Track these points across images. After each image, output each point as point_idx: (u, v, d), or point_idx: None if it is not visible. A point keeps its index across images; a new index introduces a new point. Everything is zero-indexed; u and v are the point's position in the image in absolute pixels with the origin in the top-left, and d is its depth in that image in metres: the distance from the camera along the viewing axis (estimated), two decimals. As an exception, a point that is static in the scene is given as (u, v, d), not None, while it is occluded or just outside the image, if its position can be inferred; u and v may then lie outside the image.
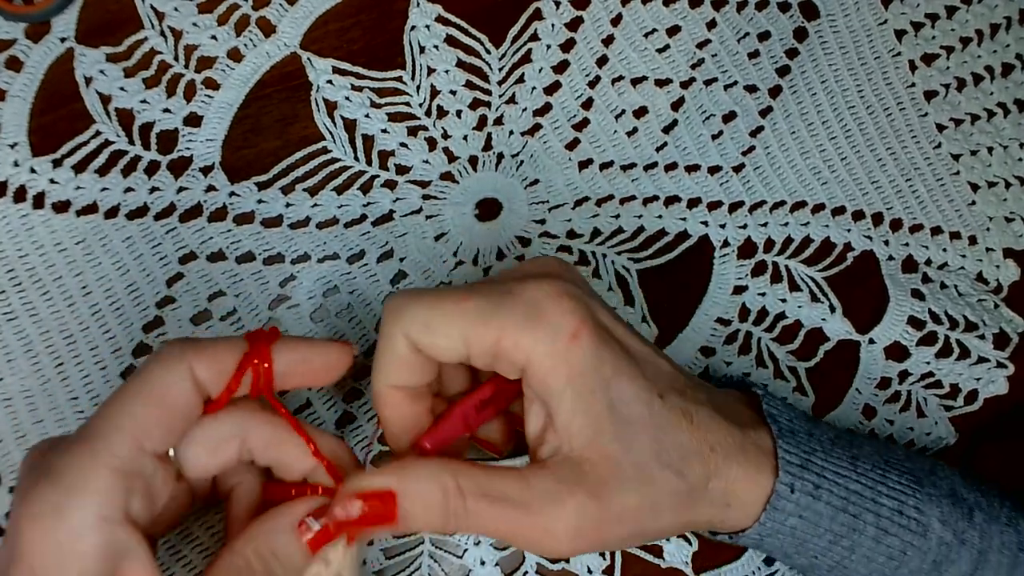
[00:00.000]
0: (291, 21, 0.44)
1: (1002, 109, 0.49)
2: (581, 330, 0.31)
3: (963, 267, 0.48)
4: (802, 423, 0.37)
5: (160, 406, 0.30)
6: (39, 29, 0.42)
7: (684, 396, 0.34)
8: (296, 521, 0.32)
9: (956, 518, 0.36)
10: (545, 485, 0.32)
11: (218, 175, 0.43)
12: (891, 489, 0.35)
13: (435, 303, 0.32)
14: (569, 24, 0.46)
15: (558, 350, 0.31)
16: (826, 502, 0.35)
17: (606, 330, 0.33)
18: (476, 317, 0.31)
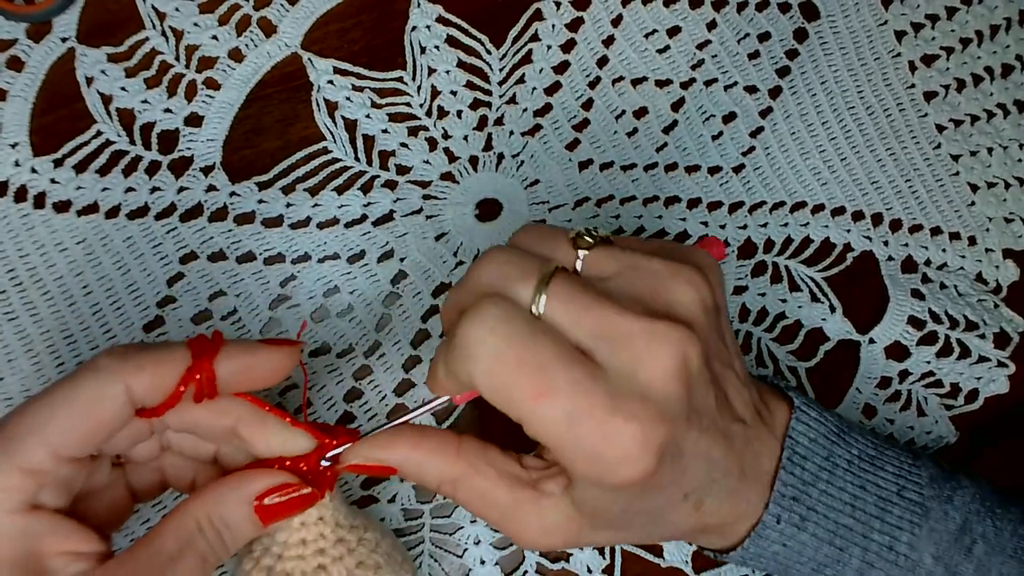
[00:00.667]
0: (292, 21, 0.44)
1: (1002, 110, 0.49)
2: (638, 482, 0.29)
3: (963, 267, 0.48)
4: (826, 439, 0.35)
5: (84, 418, 0.30)
6: (40, 29, 0.42)
7: (709, 487, 0.32)
8: (253, 494, 0.32)
9: (952, 553, 0.35)
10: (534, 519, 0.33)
11: (219, 175, 0.43)
12: (886, 524, 0.35)
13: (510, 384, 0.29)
14: (570, 25, 0.46)
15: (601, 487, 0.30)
16: (811, 533, 0.34)
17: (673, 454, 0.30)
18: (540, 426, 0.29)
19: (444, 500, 0.43)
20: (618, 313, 0.29)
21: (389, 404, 0.43)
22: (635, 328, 0.29)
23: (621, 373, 0.29)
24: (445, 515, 0.43)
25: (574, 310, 0.29)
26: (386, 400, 0.43)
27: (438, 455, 0.33)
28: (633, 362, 0.29)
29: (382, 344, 0.43)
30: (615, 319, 0.29)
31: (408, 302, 0.44)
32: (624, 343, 0.29)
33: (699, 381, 0.31)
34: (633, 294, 0.30)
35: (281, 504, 0.32)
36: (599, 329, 0.29)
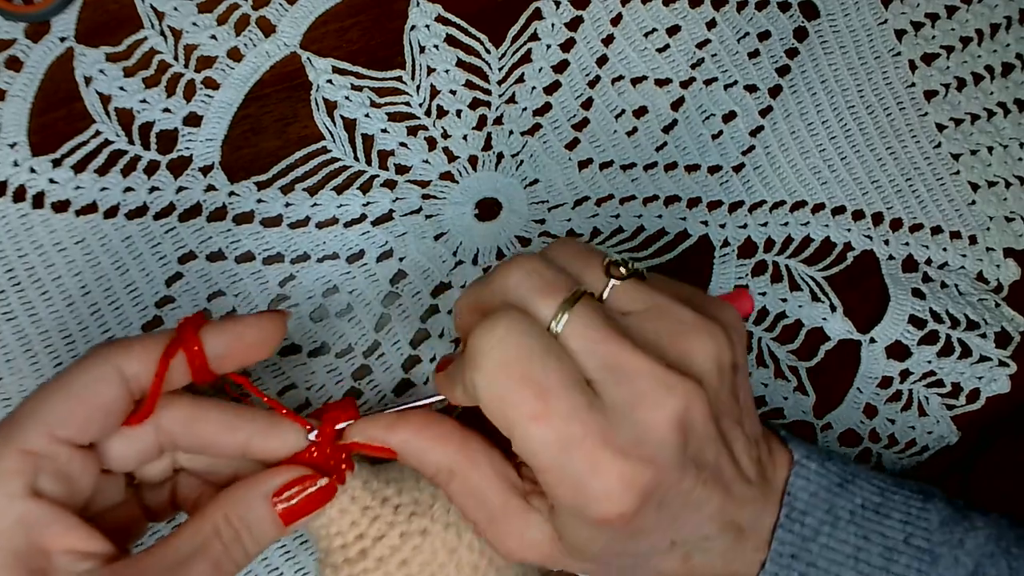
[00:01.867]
0: (291, 21, 0.44)
1: (1002, 109, 0.49)
2: (617, 523, 0.29)
3: (963, 267, 0.48)
4: (827, 495, 0.35)
5: (78, 400, 0.30)
6: (39, 29, 0.42)
7: (702, 541, 0.32)
8: (270, 491, 0.32)
9: None
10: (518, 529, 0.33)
11: (217, 175, 0.43)
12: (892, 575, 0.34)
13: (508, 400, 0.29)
14: (569, 24, 0.46)
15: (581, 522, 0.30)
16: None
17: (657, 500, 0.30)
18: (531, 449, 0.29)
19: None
20: (632, 351, 0.29)
21: (389, 404, 0.43)
22: (644, 369, 0.29)
23: (621, 410, 0.29)
24: (445, 515, 0.43)
25: (591, 338, 0.29)
26: (385, 400, 0.43)
27: (440, 443, 0.33)
28: (634, 401, 0.29)
29: (381, 344, 0.43)
30: (628, 356, 0.29)
31: (407, 302, 0.44)
32: (630, 381, 0.29)
33: (702, 436, 0.30)
34: (652, 337, 0.30)
35: (302, 500, 0.32)
36: (610, 362, 0.29)
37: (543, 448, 0.29)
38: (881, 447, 0.46)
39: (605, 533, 0.30)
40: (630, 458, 0.29)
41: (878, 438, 0.46)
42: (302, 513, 0.32)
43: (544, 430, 0.28)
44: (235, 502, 0.31)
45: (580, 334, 0.29)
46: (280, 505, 0.32)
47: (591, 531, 0.31)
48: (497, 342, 0.29)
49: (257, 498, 0.31)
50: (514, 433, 0.29)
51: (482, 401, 0.30)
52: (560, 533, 0.32)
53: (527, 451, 0.29)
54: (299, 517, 0.32)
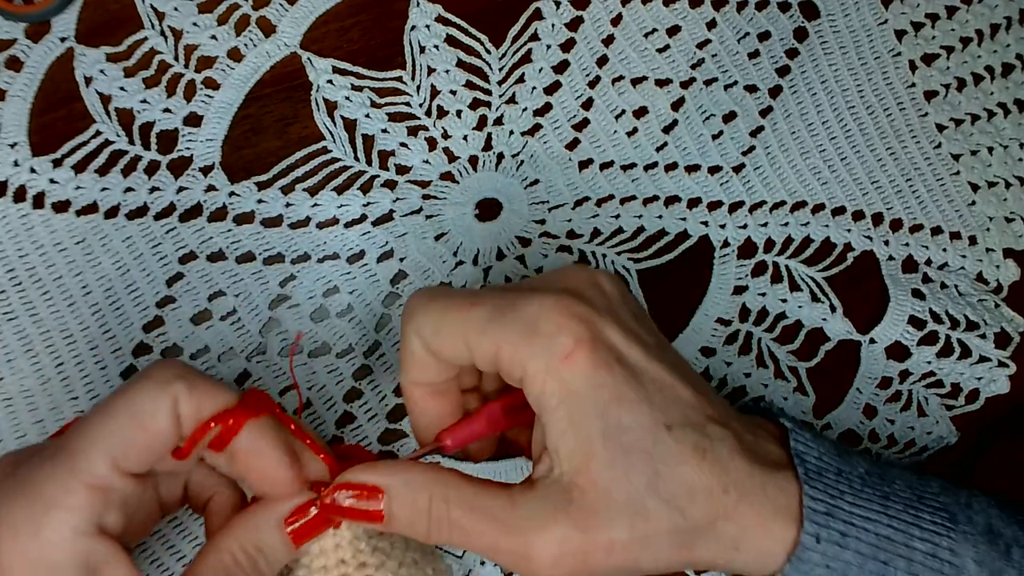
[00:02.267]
0: (291, 21, 0.44)
1: (1002, 109, 0.49)
2: (577, 350, 0.30)
3: (963, 267, 0.48)
4: (832, 459, 0.34)
5: (140, 429, 0.30)
6: (39, 29, 0.42)
7: (701, 430, 0.32)
8: (282, 516, 0.32)
9: (993, 557, 0.33)
10: (530, 508, 0.31)
11: (218, 175, 0.43)
12: (924, 531, 0.33)
13: (444, 308, 0.32)
14: (569, 24, 0.46)
15: (551, 368, 0.30)
16: (854, 550, 0.33)
17: (612, 351, 0.31)
18: (477, 326, 0.31)
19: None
20: None
21: (389, 404, 0.43)
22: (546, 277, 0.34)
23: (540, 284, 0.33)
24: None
25: None
26: (386, 400, 0.43)
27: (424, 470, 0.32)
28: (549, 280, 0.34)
29: (382, 344, 0.43)
30: None
31: (408, 302, 0.44)
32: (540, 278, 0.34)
33: (622, 300, 0.33)
34: None
35: (309, 522, 0.32)
36: None
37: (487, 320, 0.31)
38: (880, 447, 0.46)
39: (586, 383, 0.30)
40: (561, 297, 0.31)
41: (878, 438, 0.46)
42: (312, 533, 0.32)
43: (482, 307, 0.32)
44: (248, 531, 0.32)
45: None
46: (291, 528, 0.32)
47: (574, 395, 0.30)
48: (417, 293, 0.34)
49: (269, 524, 0.32)
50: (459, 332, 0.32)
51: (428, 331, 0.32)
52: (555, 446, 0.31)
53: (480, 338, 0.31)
54: (309, 537, 0.32)
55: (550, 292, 0.32)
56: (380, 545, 0.34)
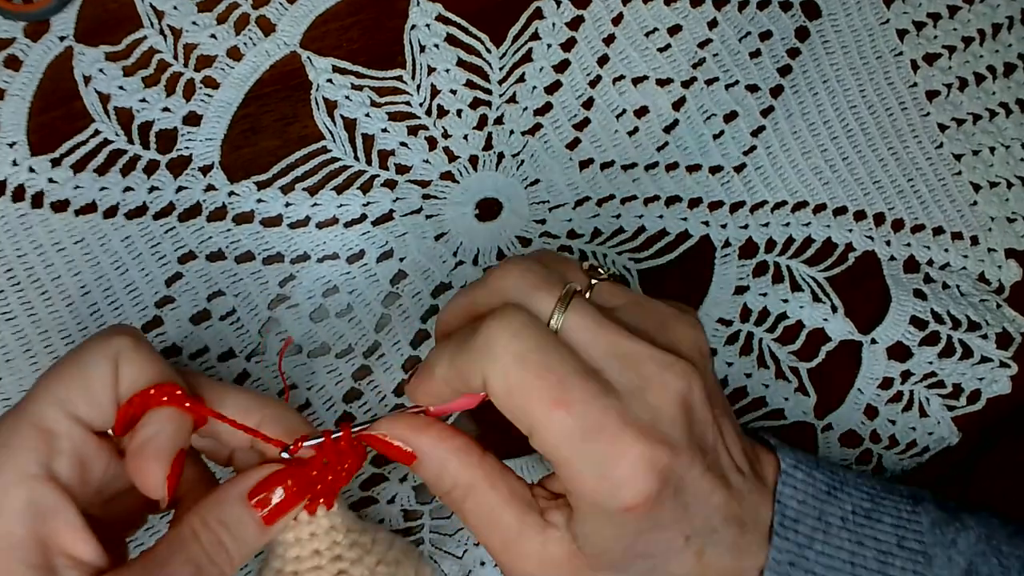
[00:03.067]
0: (291, 20, 0.44)
1: (1004, 109, 0.49)
2: (641, 507, 0.30)
3: (965, 267, 0.48)
4: (816, 502, 0.35)
5: (82, 375, 0.30)
6: (38, 28, 0.42)
7: (711, 534, 0.32)
8: (245, 490, 0.31)
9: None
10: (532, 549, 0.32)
11: (217, 174, 0.43)
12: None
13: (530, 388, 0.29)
14: (570, 23, 0.46)
15: (607, 511, 0.30)
16: None
17: (676, 487, 0.30)
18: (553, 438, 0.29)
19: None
20: (631, 338, 0.30)
21: (388, 404, 0.43)
22: (646, 353, 0.30)
23: (632, 393, 0.30)
24: (445, 516, 0.43)
25: (591, 329, 0.30)
26: (385, 400, 0.43)
27: (463, 456, 0.32)
28: (643, 383, 0.30)
29: (381, 344, 0.43)
30: (628, 343, 0.30)
31: (407, 302, 0.44)
32: (636, 365, 0.30)
33: (701, 418, 0.31)
34: (641, 326, 0.32)
35: (282, 500, 0.31)
36: (612, 350, 0.30)
37: (565, 436, 0.29)
38: (882, 448, 0.46)
39: (628, 527, 0.30)
40: (649, 439, 0.29)
41: (879, 439, 0.46)
42: (282, 511, 0.31)
43: (565, 416, 0.29)
44: (211, 505, 0.31)
45: (580, 326, 0.30)
46: (260, 505, 0.31)
47: (614, 527, 0.31)
48: (511, 333, 0.29)
49: (233, 499, 0.31)
50: (534, 424, 0.29)
51: (498, 393, 0.30)
52: (580, 540, 0.32)
53: (548, 441, 0.29)
54: (280, 515, 0.31)
55: (642, 426, 0.29)
56: (360, 540, 0.33)
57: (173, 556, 0.29)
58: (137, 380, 0.31)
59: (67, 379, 0.30)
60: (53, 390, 0.30)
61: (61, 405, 0.30)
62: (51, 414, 0.29)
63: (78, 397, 0.30)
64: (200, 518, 0.30)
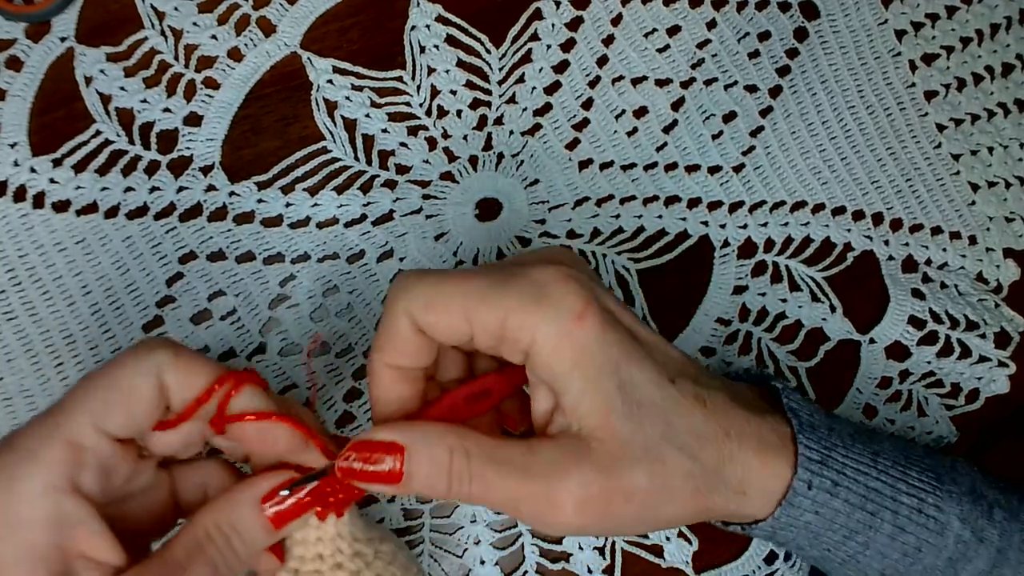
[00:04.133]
0: (291, 21, 0.44)
1: (1002, 109, 0.49)
2: (587, 312, 0.31)
3: (963, 267, 0.48)
4: (821, 417, 0.36)
5: (121, 392, 0.30)
6: (39, 29, 0.42)
7: (697, 382, 0.33)
8: (259, 495, 0.31)
9: (976, 516, 0.35)
10: (550, 455, 0.31)
11: (218, 175, 0.43)
12: (911, 487, 0.35)
13: (440, 281, 0.31)
14: (569, 24, 0.46)
15: (564, 330, 0.31)
16: (844, 499, 0.34)
17: (612, 315, 0.32)
18: (480, 296, 0.31)
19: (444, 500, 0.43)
20: None
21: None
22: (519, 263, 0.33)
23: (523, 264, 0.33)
24: (445, 515, 0.43)
25: None
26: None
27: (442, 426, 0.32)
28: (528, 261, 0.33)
29: (382, 344, 0.43)
30: None
31: (408, 302, 0.44)
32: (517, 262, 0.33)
33: (599, 288, 0.33)
34: None
35: (291, 506, 0.32)
36: None
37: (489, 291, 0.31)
38: (881, 447, 0.46)
39: (599, 343, 0.31)
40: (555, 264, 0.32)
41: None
42: (292, 516, 0.32)
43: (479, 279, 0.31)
44: (222, 509, 0.31)
45: None
46: (270, 509, 0.31)
47: (589, 355, 0.31)
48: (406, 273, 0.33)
49: (244, 503, 0.31)
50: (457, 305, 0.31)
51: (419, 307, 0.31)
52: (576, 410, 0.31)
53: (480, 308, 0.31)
54: (289, 520, 0.32)
55: (550, 263, 0.32)
56: (363, 551, 0.34)
57: (191, 557, 0.30)
58: (192, 385, 0.31)
59: (103, 395, 0.30)
60: (87, 405, 0.30)
61: (93, 420, 0.30)
62: (82, 429, 0.30)
63: (114, 413, 0.30)
64: (214, 521, 0.31)
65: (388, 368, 0.33)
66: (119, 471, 0.31)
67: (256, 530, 0.31)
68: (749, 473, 0.33)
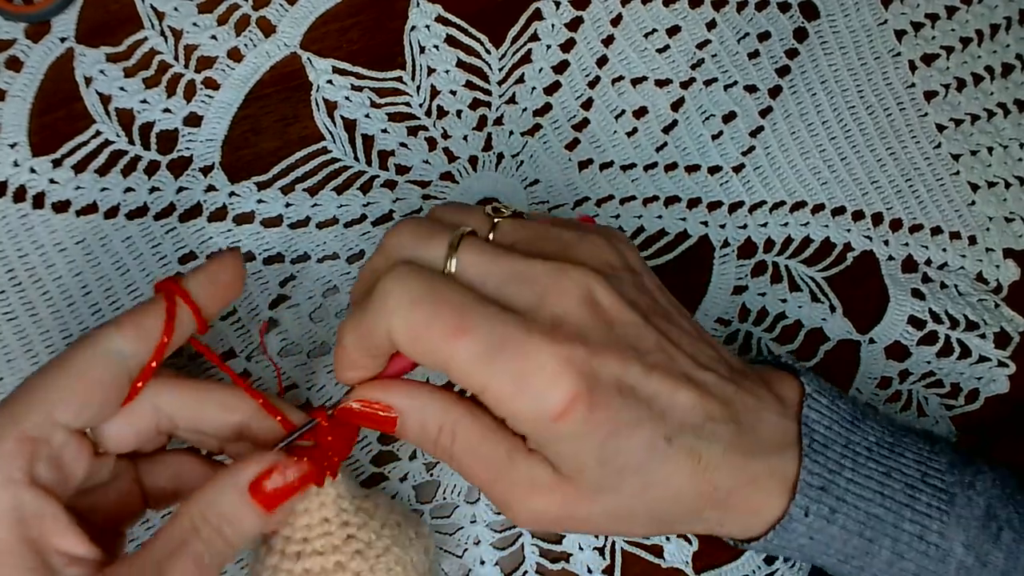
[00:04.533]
0: (291, 21, 0.44)
1: (1002, 109, 0.49)
2: (571, 408, 0.29)
3: (963, 267, 0.48)
4: (842, 428, 0.35)
5: (76, 378, 0.31)
6: (39, 29, 0.42)
7: (699, 432, 0.32)
8: (243, 481, 0.31)
9: (983, 540, 0.34)
10: (523, 473, 0.32)
11: (218, 175, 0.43)
12: (916, 512, 0.34)
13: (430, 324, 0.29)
14: (569, 24, 0.46)
15: (542, 423, 0.30)
16: (841, 526, 0.33)
17: (610, 385, 0.30)
18: (463, 365, 0.30)
19: (444, 500, 0.43)
20: (524, 259, 0.31)
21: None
22: (539, 269, 0.31)
23: (532, 306, 0.30)
24: (445, 515, 0.43)
25: (484, 263, 0.31)
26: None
27: (440, 399, 0.33)
28: (542, 293, 0.30)
29: (381, 344, 0.43)
30: (522, 263, 0.31)
31: (408, 302, 0.44)
32: (532, 281, 0.31)
33: (621, 317, 0.31)
34: (543, 252, 0.32)
35: (280, 488, 0.31)
36: (508, 274, 0.31)
37: (475, 362, 0.29)
38: (880, 447, 0.46)
39: (581, 436, 0.30)
40: (556, 339, 0.29)
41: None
42: (282, 499, 0.32)
43: (469, 342, 0.29)
44: (208, 498, 0.31)
45: (473, 263, 0.31)
46: (260, 496, 0.31)
47: (569, 441, 0.30)
48: (402, 282, 0.30)
49: (230, 491, 0.31)
50: (443, 358, 0.30)
51: (404, 341, 0.30)
52: (554, 460, 0.31)
53: (462, 371, 0.30)
54: (279, 502, 0.32)
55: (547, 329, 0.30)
56: (364, 505, 0.35)
57: (174, 552, 0.30)
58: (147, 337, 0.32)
59: (55, 385, 0.31)
60: (40, 396, 0.30)
61: (47, 411, 0.30)
62: (36, 420, 0.30)
63: (67, 403, 0.30)
64: (199, 512, 0.30)
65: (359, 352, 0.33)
66: (74, 464, 0.31)
67: (245, 516, 0.31)
68: (728, 514, 0.33)
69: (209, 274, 0.34)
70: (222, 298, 0.34)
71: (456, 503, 0.43)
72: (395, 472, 0.43)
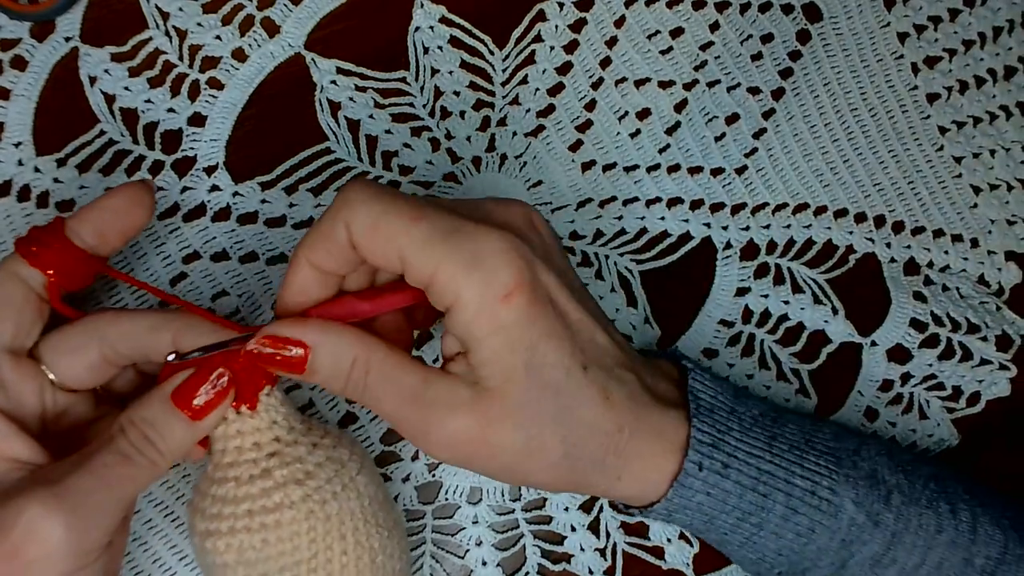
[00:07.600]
0: (295, 21, 0.44)
1: (1004, 112, 0.49)
2: (516, 291, 0.31)
3: (965, 270, 0.48)
4: (726, 399, 0.37)
5: None
6: (44, 28, 0.42)
7: (609, 372, 0.34)
8: (167, 389, 0.33)
9: (872, 500, 0.36)
10: (441, 394, 0.33)
11: (222, 175, 0.43)
12: (805, 470, 0.36)
13: (386, 211, 0.32)
14: (573, 25, 0.46)
15: (487, 304, 0.31)
16: (735, 480, 0.35)
17: (546, 294, 0.33)
18: (418, 243, 0.31)
19: (447, 501, 0.43)
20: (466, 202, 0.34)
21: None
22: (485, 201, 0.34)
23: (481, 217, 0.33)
24: (447, 516, 0.43)
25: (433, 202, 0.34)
26: (388, 400, 0.43)
27: (352, 333, 0.33)
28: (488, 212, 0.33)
29: (384, 344, 0.43)
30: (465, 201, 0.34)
31: (411, 302, 0.44)
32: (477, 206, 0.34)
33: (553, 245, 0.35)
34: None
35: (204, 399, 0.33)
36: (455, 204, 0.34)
37: (430, 240, 0.31)
38: (882, 449, 0.46)
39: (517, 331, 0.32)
40: (505, 234, 0.32)
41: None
42: (208, 409, 0.33)
43: (427, 224, 0.31)
44: (136, 406, 0.33)
45: None
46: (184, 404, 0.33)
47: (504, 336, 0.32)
48: (361, 184, 0.32)
49: (156, 400, 0.33)
50: (401, 247, 0.31)
51: (360, 227, 0.32)
52: (480, 370, 0.32)
53: (416, 253, 0.31)
54: (206, 413, 0.33)
55: (494, 226, 0.32)
56: (298, 426, 0.35)
57: (101, 448, 0.32)
58: None
59: None
60: None
61: None
62: None
63: None
64: (127, 417, 0.33)
65: (309, 266, 0.33)
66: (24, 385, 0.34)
67: (172, 423, 0.33)
68: (629, 464, 0.35)
69: (98, 207, 0.35)
70: (119, 228, 0.36)
71: (458, 504, 0.43)
72: (397, 473, 0.43)
